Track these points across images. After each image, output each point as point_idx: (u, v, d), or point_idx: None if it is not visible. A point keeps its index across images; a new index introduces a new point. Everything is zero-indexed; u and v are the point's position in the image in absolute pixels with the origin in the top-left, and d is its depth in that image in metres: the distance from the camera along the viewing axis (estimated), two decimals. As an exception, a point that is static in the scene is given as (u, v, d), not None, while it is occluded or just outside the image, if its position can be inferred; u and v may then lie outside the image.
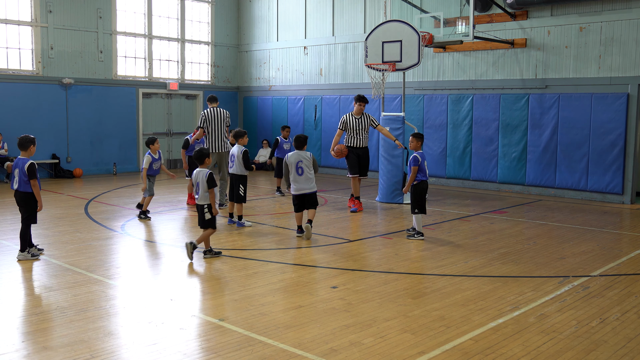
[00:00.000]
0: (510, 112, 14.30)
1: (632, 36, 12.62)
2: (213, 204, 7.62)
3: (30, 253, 7.57)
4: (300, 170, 8.83)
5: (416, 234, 9.00)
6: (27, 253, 7.55)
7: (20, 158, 7.44)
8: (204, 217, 7.64)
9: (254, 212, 11.25)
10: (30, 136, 7.53)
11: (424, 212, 8.97)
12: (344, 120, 11.61)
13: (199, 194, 7.67)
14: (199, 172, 7.67)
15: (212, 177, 7.58)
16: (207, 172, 7.62)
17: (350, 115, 11.60)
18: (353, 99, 12.04)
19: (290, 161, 8.87)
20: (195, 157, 7.80)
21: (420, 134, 9.21)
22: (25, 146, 7.45)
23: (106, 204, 12.02)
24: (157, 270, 7.30)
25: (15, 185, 7.42)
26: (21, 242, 7.54)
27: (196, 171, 7.73)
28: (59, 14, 16.36)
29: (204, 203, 7.64)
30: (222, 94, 20.31)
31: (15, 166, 7.41)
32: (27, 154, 7.47)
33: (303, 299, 6.07)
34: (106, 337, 5.03)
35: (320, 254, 8.10)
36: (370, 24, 16.66)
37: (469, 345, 4.91)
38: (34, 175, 7.34)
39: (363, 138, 11.52)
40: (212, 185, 7.53)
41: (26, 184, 7.33)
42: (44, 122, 16.17)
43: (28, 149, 7.46)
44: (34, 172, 7.36)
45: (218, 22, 20.10)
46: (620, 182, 12.84)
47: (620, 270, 7.43)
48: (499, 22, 14.41)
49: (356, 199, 11.49)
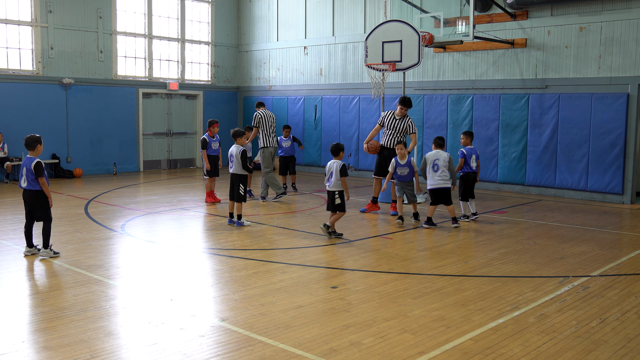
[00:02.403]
0: (510, 112, 14.30)
1: (632, 36, 12.62)
2: (346, 190, 8.83)
3: (53, 251, 7.69)
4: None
5: (463, 217, 10.46)
6: (49, 250, 7.65)
7: (28, 157, 7.56)
8: (334, 202, 8.82)
9: (254, 212, 11.25)
10: (36, 135, 7.66)
11: (471, 198, 10.45)
12: (383, 116, 11.32)
13: (331, 182, 8.81)
14: (333, 163, 8.84)
15: (345, 167, 8.79)
16: (340, 162, 8.79)
17: (391, 113, 11.24)
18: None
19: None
20: (332, 149, 8.97)
21: (471, 132, 10.76)
22: (32, 146, 7.58)
23: (106, 204, 12.03)
24: (157, 270, 7.30)
25: (24, 184, 7.54)
26: (44, 239, 7.63)
27: (331, 162, 8.87)
28: (59, 14, 16.36)
29: (335, 190, 8.81)
30: (222, 94, 20.32)
31: (22, 165, 7.54)
32: (34, 153, 7.60)
33: (303, 299, 6.07)
34: (106, 337, 5.02)
35: (320, 254, 8.10)
36: (370, 24, 16.66)
37: (469, 345, 4.91)
38: (41, 173, 7.47)
39: (396, 140, 10.97)
40: (344, 174, 8.76)
41: (34, 182, 7.47)
42: (44, 122, 16.16)
43: (35, 149, 7.60)
44: (41, 170, 7.49)
45: (218, 22, 20.10)
46: (620, 182, 12.84)
47: (620, 270, 7.43)
48: (499, 22, 14.41)
49: (372, 200, 11.38)
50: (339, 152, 8.97)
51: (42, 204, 7.57)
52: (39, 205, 7.57)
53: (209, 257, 7.95)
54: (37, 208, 7.58)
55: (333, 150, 9.00)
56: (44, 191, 7.51)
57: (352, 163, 17.37)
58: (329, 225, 8.90)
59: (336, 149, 8.97)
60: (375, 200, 11.35)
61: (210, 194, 12.19)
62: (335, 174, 8.78)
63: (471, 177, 10.41)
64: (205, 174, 12.12)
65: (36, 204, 7.56)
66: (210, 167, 11.96)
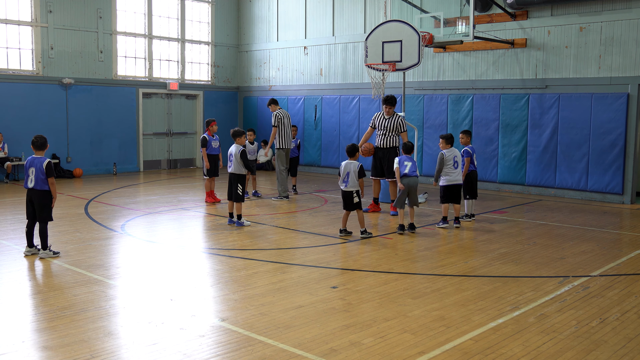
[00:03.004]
0: (510, 112, 14.30)
1: (632, 36, 12.62)
2: (362, 189, 9.00)
3: (52, 251, 7.73)
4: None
5: (465, 217, 10.45)
6: (48, 251, 7.68)
7: (35, 157, 7.61)
8: (353, 201, 8.93)
9: (254, 212, 11.25)
10: (43, 136, 7.80)
11: (472, 198, 10.45)
12: (374, 118, 11.38)
13: (348, 183, 8.89)
14: (349, 164, 8.92)
15: (362, 168, 8.94)
16: (357, 163, 8.91)
17: (381, 113, 11.31)
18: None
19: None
20: (348, 150, 9.08)
21: (469, 131, 10.81)
22: (44, 146, 7.74)
23: (106, 204, 12.02)
24: (157, 270, 7.30)
25: (31, 184, 7.55)
26: (42, 241, 7.65)
27: (346, 162, 8.94)
28: (59, 14, 16.36)
29: (353, 189, 8.90)
30: (222, 94, 20.32)
31: (30, 165, 7.56)
32: (42, 153, 7.71)
33: (303, 299, 6.07)
34: (106, 337, 5.02)
35: (320, 254, 8.10)
36: (370, 24, 16.66)
37: (469, 345, 4.91)
38: (52, 173, 7.56)
39: (388, 139, 11.07)
40: (362, 175, 8.92)
41: (43, 182, 7.51)
42: (44, 122, 16.16)
43: (45, 149, 7.76)
44: (52, 169, 7.60)
45: (218, 22, 20.10)
46: (620, 182, 12.84)
47: (620, 270, 7.43)
48: (499, 22, 14.41)
49: (374, 200, 11.40)
50: (355, 152, 9.07)
51: (48, 204, 7.61)
52: (45, 206, 7.60)
53: (209, 257, 7.95)
54: (43, 208, 7.59)
55: (350, 151, 9.08)
56: (51, 191, 7.56)
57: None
58: (363, 230, 9.03)
59: (352, 149, 9.06)
60: (376, 201, 11.40)
61: (210, 193, 12.19)
62: (352, 175, 8.89)
63: (474, 176, 10.53)
64: (205, 174, 12.12)
65: (41, 203, 7.58)
66: (210, 166, 11.94)
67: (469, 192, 10.46)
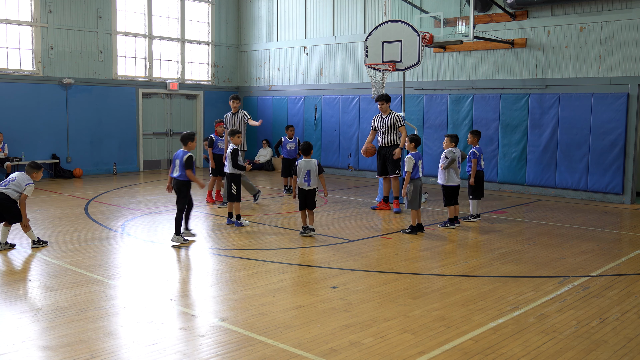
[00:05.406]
0: (510, 112, 14.30)
1: (632, 36, 12.62)
2: (324, 185, 9.06)
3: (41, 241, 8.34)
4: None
5: (470, 217, 10.46)
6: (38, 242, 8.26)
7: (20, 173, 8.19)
8: (314, 199, 9.02)
9: (254, 212, 11.25)
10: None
11: (479, 198, 10.45)
12: (373, 120, 11.59)
13: (310, 181, 8.93)
14: (308, 162, 8.95)
15: (320, 165, 8.99)
16: (316, 161, 8.97)
17: (379, 114, 11.53)
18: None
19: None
20: (303, 149, 9.14)
21: (478, 131, 10.73)
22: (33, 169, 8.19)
23: (106, 204, 12.02)
24: (157, 270, 7.30)
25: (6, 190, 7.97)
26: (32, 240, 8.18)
27: (303, 161, 8.98)
28: (59, 14, 16.36)
29: (316, 187, 9.00)
30: (222, 94, 20.32)
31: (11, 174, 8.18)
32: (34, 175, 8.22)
33: (303, 299, 6.07)
34: (106, 337, 5.02)
35: (320, 254, 8.10)
36: (370, 24, 16.66)
37: (469, 345, 4.91)
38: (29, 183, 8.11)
39: (389, 137, 11.26)
40: (321, 171, 9.00)
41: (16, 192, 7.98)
42: (44, 122, 16.16)
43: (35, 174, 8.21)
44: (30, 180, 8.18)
45: (218, 22, 20.09)
46: (620, 182, 12.84)
47: (620, 270, 7.43)
48: (499, 22, 14.41)
49: (383, 199, 11.48)
50: (310, 150, 9.16)
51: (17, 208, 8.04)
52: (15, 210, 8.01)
53: (209, 257, 7.95)
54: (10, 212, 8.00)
55: (305, 150, 9.14)
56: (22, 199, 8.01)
57: (352, 163, 17.37)
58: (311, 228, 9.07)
59: (308, 147, 9.13)
60: (386, 200, 11.50)
61: (210, 193, 12.19)
62: (313, 172, 8.94)
63: (481, 176, 10.53)
64: (211, 173, 12.14)
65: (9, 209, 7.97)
66: (215, 165, 11.97)
67: (475, 192, 10.47)
